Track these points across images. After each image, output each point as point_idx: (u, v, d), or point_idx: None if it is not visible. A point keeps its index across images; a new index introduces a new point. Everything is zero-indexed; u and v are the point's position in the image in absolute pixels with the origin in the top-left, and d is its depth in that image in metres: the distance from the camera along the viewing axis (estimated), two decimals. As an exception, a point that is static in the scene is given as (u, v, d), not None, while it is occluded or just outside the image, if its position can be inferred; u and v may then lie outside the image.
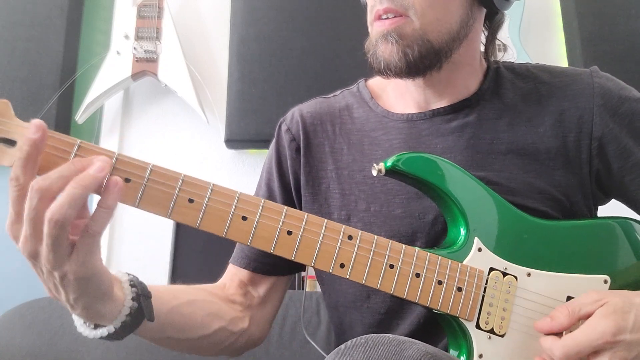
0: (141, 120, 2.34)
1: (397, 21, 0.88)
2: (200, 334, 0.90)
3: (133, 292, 0.75)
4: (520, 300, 0.84)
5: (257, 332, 1.02)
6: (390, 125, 1.00)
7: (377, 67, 0.92)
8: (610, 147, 0.94)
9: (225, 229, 0.72)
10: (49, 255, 0.63)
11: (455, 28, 0.92)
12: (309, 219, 0.75)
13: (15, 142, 0.66)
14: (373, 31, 0.92)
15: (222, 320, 0.93)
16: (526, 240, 0.87)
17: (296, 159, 1.04)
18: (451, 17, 0.91)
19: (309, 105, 1.10)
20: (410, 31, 0.88)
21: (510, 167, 0.93)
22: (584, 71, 0.99)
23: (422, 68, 0.91)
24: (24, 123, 0.66)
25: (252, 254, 1.03)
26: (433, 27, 0.89)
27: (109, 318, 0.72)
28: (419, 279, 0.79)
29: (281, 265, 1.03)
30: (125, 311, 0.73)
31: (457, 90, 0.98)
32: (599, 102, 0.95)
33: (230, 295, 1.01)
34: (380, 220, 0.95)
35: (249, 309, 1.02)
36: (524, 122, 0.96)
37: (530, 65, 1.04)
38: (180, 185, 0.70)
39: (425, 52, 0.90)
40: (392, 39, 0.88)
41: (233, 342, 0.97)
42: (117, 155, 0.68)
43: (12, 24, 2.22)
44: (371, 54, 0.93)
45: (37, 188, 0.61)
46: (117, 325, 0.73)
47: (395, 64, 0.89)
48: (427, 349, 0.68)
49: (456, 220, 0.86)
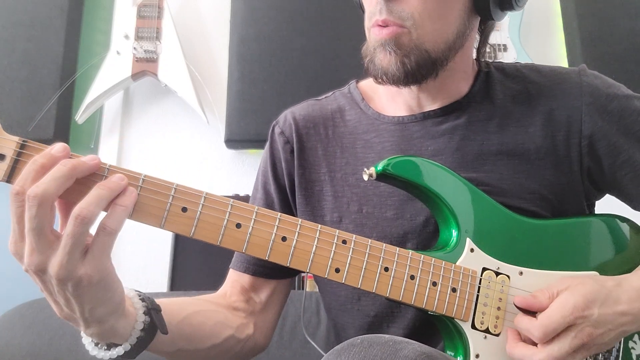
0: (141, 120, 2.35)
1: (394, 31, 0.88)
2: (210, 343, 0.90)
3: (144, 307, 0.75)
4: (514, 298, 0.85)
5: (261, 337, 1.03)
6: (382, 127, 1.01)
7: (374, 74, 0.92)
8: (600, 144, 0.95)
9: (220, 237, 0.72)
10: (63, 259, 0.62)
11: (452, 38, 0.91)
12: (303, 224, 0.75)
13: (4, 156, 0.66)
14: (371, 37, 0.92)
15: (230, 328, 0.94)
16: (517, 239, 0.88)
17: (290, 161, 1.04)
18: (448, 27, 0.91)
19: (301, 108, 1.10)
20: (407, 42, 0.88)
21: (501, 168, 0.94)
22: (572, 70, 1.00)
23: (419, 77, 0.91)
24: (12, 137, 0.66)
25: (251, 258, 1.04)
26: (430, 37, 0.89)
27: (123, 335, 0.71)
28: (414, 281, 0.79)
29: (280, 268, 1.04)
30: (138, 326, 0.73)
31: (449, 94, 0.99)
32: (587, 100, 0.95)
33: (233, 303, 1.01)
34: (372, 222, 0.95)
35: (253, 315, 1.02)
36: (513, 122, 0.97)
37: (519, 65, 1.04)
38: (173, 194, 0.70)
39: (423, 62, 0.89)
40: (390, 49, 0.88)
41: (240, 350, 0.97)
42: (108, 166, 0.67)
43: (12, 24, 2.23)
44: (368, 60, 0.92)
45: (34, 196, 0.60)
46: (132, 342, 0.72)
47: (393, 73, 0.89)
48: (422, 349, 0.68)
49: (447, 222, 0.86)
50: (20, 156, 0.66)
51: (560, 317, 0.77)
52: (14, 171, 0.66)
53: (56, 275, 0.62)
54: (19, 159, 0.66)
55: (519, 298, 0.83)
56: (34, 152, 0.66)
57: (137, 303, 0.74)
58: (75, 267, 0.62)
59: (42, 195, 0.60)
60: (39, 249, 0.62)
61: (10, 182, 0.65)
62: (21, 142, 0.66)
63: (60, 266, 0.62)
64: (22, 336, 1.41)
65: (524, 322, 0.81)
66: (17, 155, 0.66)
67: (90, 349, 0.73)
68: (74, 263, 0.62)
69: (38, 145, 0.66)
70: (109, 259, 0.66)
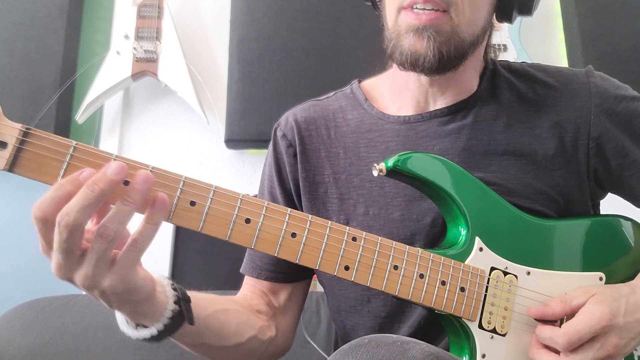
0: (141, 120, 2.34)
1: (437, 16, 0.85)
2: (234, 342, 0.90)
3: (175, 296, 0.75)
4: (521, 299, 0.85)
5: (282, 340, 1.03)
6: (386, 127, 1.00)
7: (400, 58, 0.89)
8: (608, 146, 0.95)
9: (229, 232, 0.70)
10: (88, 272, 0.62)
11: (479, 32, 0.91)
12: (313, 220, 0.74)
13: (5, 144, 0.63)
14: (400, 20, 0.88)
15: (253, 329, 0.94)
16: (525, 239, 0.88)
17: (294, 164, 1.03)
18: (480, 20, 0.91)
19: (303, 109, 1.08)
20: (448, 28, 0.86)
21: (508, 168, 0.93)
22: (580, 71, 0.99)
23: (448, 67, 0.90)
24: (15, 124, 0.63)
25: (262, 263, 1.04)
26: (467, 27, 0.88)
27: (152, 319, 0.72)
28: (423, 279, 0.79)
29: (293, 272, 1.04)
30: (167, 314, 0.73)
31: (458, 90, 0.98)
32: (596, 102, 0.95)
33: (255, 306, 1.01)
34: (379, 224, 0.95)
35: (274, 318, 1.02)
36: (520, 123, 0.96)
37: (526, 65, 1.04)
38: (182, 187, 0.68)
39: (458, 52, 0.88)
40: (429, 34, 0.85)
41: (263, 352, 0.98)
42: (114, 156, 0.65)
43: (12, 24, 2.22)
44: (394, 44, 0.89)
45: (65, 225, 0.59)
46: (159, 327, 0.73)
47: (429, 61, 0.86)
48: (430, 350, 0.68)
49: (456, 220, 0.86)
50: (23, 144, 0.63)
51: (586, 326, 0.77)
52: (17, 160, 0.63)
53: (81, 285, 0.63)
54: (23, 147, 0.63)
55: (533, 309, 0.83)
56: (39, 141, 0.63)
57: (169, 292, 0.75)
58: (100, 279, 0.63)
59: (72, 225, 0.59)
60: (66, 265, 0.62)
61: (12, 171, 0.63)
62: (24, 129, 0.63)
63: (86, 278, 0.63)
64: (22, 336, 1.41)
65: (546, 331, 0.81)
66: (20, 144, 0.63)
67: (120, 323, 0.75)
68: (99, 275, 0.63)
69: (43, 134, 0.64)
70: (133, 271, 0.66)
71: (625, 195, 1.02)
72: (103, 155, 0.65)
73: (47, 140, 0.64)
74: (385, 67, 1.05)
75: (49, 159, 0.64)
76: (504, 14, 0.95)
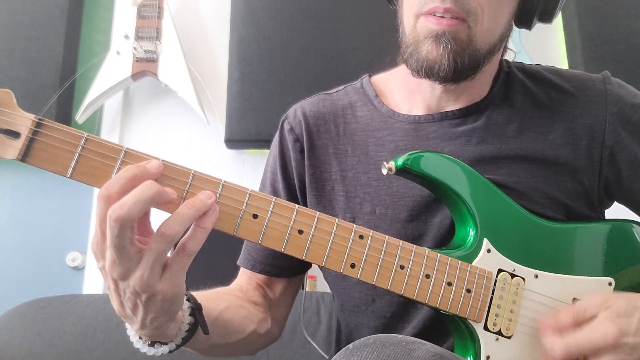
0: (141, 121, 2.34)
1: (456, 24, 0.84)
2: (237, 338, 0.91)
3: (189, 308, 0.75)
4: (528, 301, 0.84)
5: (275, 329, 1.04)
6: (396, 126, 0.99)
7: (415, 65, 0.88)
8: (621, 155, 0.94)
9: (236, 227, 0.70)
10: (144, 273, 0.62)
11: (496, 40, 0.90)
12: (320, 217, 0.74)
13: (18, 134, 0.63)
14: (419, 25, 0.87)
15: (253, 323, 0.95)
16: (533, 241, 0.87)
17: (300, 160, 1.02)
18: (498, 29, 0.89)
19: (311, 103, 1.07)
20: (465, 37, 0.85)
21: (518, 171, 0.92)
22: (597, 77, 0.98)
23: (463, 77, 0.89)
24: (27, 114, 0.64)
25: (258, 256, 1.03)
26: (484, 37, 0.87)
27: (170, 337, 0.73)
28: (429, 280, 0.79)
29: (289, 267, 1.04)
30: (184, 327, 0.74)
31: (472, 96, 0.97)
32: (612, 110, 0.94)
33: (252, 297, 1.01)
34: (386, 224, 0.94)
35: (269, 310, 1.03)
36: (533, 128, 0.95)
37: (541, 67, 1.02)
38: (191, 181, 0.68)
39: (474, 62, 0.88)
40: (446, 40, 0.84)
41: (260, 344, 1.00)
42: (125, 149, 0.66)
43: (12, 24, 2.21)
44: (412, 50, 0.88)
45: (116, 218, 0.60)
46: (178, 342, 0.74)
47: (444, 69, 0.86)
48: (435, 350, 0.68)
49: (465, 221, 0.85)
50: (37, 135, 0.63)
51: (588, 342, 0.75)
52: (29, 150, 0.63)
53: (135, 286, 0.63)
54: (36, 138, 0.63)
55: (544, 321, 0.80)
56: (51, 131, 0.64)
57: (184, 304, 0.74)
58: (154, 282, 0.63)
59: (124, 218, 0.60)
60: (120, 262, 0.62)
61: (24, 161, 0.63)
62: (37, 120, 0.64)
63: (141, 279, 0.63)
64: (22, 336, 1.41)
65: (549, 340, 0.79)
66: (33, 134, 0.63)
67: (135, 341, 0.74)
68: (154, 278, 0.63)
69: (56, 125, 0.64)
70: (183, 277, 0.66)
71: (633, 207, 1.00)
72: (114, 147, 0.66)
73: (59, 131, 0.64)
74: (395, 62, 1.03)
75: (61, 149, 0.64)
76: (524, 21, 0.94)
